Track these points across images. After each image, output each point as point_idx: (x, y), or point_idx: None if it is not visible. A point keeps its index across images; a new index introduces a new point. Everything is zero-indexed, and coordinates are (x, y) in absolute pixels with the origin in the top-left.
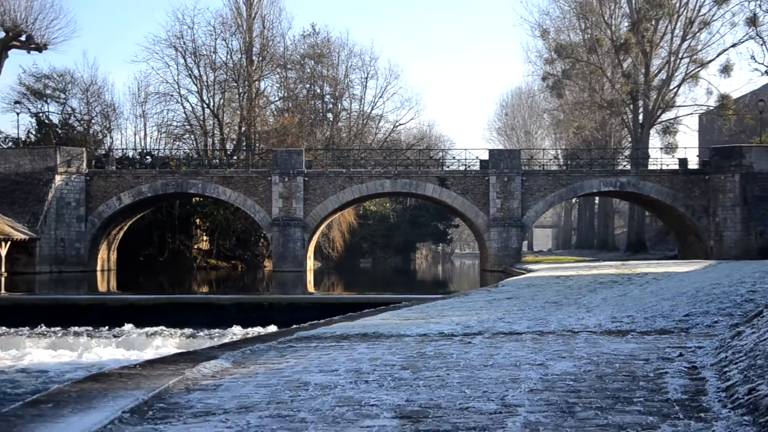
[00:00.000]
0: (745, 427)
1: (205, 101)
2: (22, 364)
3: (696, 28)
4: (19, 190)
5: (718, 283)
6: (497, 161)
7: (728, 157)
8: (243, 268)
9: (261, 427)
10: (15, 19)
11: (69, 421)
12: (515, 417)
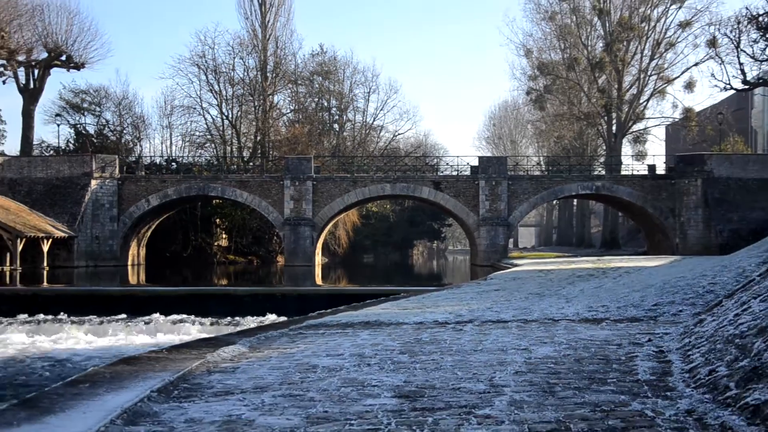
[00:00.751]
0: (705, 404)
1: (224, 113)
2: (62, 348)
3: (663, 48)
4: (59, 193)
5: (682, 276)
6: (486, 167)
7: (691, 163)
8: (258, 263)
9: (274, 405)
10: (57, 41)
11: (104, 399)
12: (502, 396)
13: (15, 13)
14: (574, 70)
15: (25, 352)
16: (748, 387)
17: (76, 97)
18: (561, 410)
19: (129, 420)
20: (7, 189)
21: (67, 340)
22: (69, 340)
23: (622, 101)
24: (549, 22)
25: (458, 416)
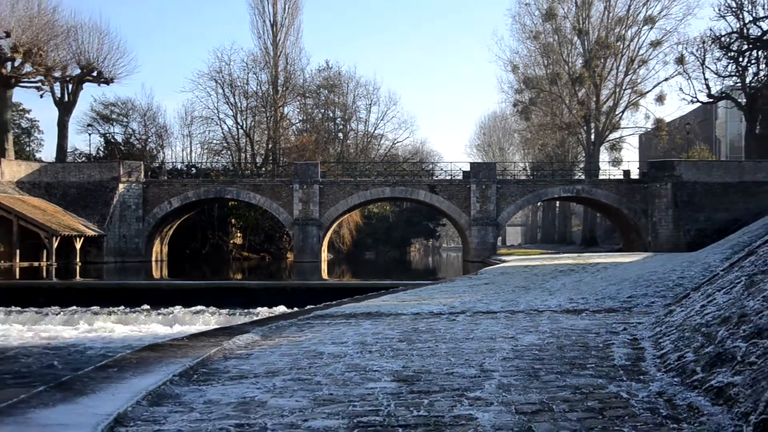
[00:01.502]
0: (675, 386)
1: (239, 123)
2: (93, 336)
3: (636, 65)
4: (90, 196)
5: (654, 271)
6: (477, 172)
7: (662, 169)
8: (270, 259)
9: (285, 388)
10: (89, 58)
11: (130, 382)
12: (491, 380)
13: (52, 34)
14: (557, 84)
15: (59, 340)
16: (712, 371)
17: (105, 109)
18: (545, 393)
19: (153, 401)
20: (44, 192)
21: (98, 329)
22: (99, 329)
23: (599, 112)
24: (533, 40)
25: (451, 398)
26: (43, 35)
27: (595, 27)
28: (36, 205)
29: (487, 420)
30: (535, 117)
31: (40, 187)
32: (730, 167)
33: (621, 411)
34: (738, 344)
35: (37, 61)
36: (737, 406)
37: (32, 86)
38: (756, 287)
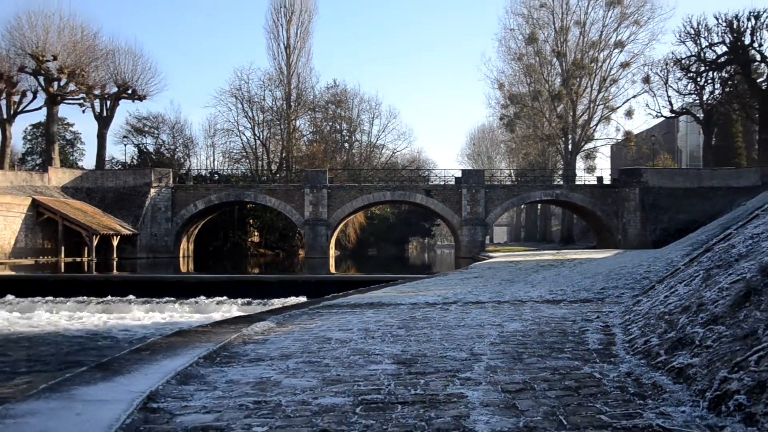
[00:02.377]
0: (641, 367)
1: (256, 135)
2: (128, 323)
3: (608, 84)
4: (125, 199)
5: (624, 266)
6: (467, 178)
7: (631, 176)
8: (283, 255)
9: (297, 369)
10: (124, 78)
11: (161, 363)
12: (480, 362)
13: (93, 57)
14: (538, 101)
15: (99, 326)
16: (674, 354)
17: (139, 123)
18: (527, 373)
19: (181, 380)
20: (85, 196)
21: (132, 317)
22: (133, 317)
23: (576, 125)
24: (517, 62)
25: (445, 378)
26: (85, 58)
27: (571, 50)
28: (78, 208)
29: (476, 398)
30: (519, 129)
31: (82, 191)
32: (690, 174)
33: (594, 389)
34: (696, 330)
35: (79, 80)
36: (695, 384)
37: (75, 103)
38: (712, 280)
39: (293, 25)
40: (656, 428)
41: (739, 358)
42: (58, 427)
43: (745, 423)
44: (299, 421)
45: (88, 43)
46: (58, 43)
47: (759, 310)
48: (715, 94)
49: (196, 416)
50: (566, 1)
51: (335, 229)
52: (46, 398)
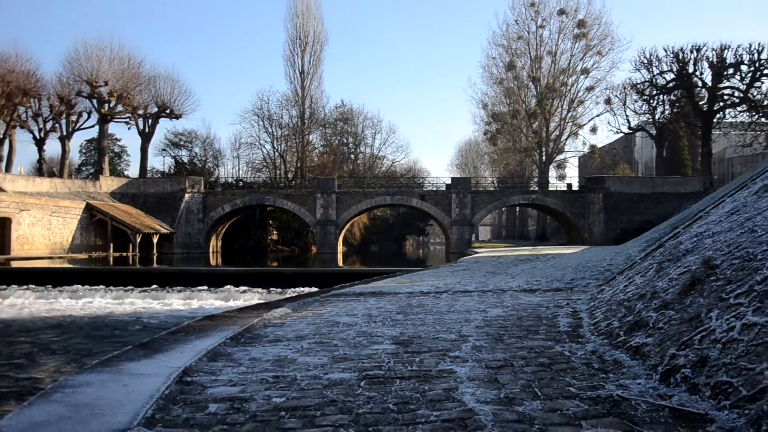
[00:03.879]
0: (604, 346)
1: (275, 148)
2: (165, 309)
3: (575, 104)
4: (164, 202)
5: (590, 260)
6: (456, 184)
7: (596, 183)
8: (298, 251)
9: (310, 349)
10: (164, 99)
11: (194, 343)
12: (467, 343)
13: (137, 82)
14: (516, 118)
15: (141, 312)
16: (631, 334)
17: (175, 138)
18: (507, 352)
19: (211, 358)
20: (130, 200)
21: (169, 304)
22: (170, 304)
23: (548, 140)
24: (499, 85)
25: (437, 357)
26: (131, 84)
27: (544, 75)
28: (124, 210)
29: (464, 373)
30: (500, 143)
31: (128, 196)
32: (645, 182)
33: (564, 365)
34: (650, 314)
35: (126, 102)
36: (649, 360)
37: (122, 121)
38: (664, 272)
39: (307, 54)
40: (616, 398)
41: (686, 338)
42: (108, 396)
43: (690, 392)
44: (312, 393)
45: (134, 70)
46: (109, 71)
47: (702, 297)
48: (665, 114)
49: (224, 388)
50: (540, 34)
51: (343, 229)
52: (98, 372)
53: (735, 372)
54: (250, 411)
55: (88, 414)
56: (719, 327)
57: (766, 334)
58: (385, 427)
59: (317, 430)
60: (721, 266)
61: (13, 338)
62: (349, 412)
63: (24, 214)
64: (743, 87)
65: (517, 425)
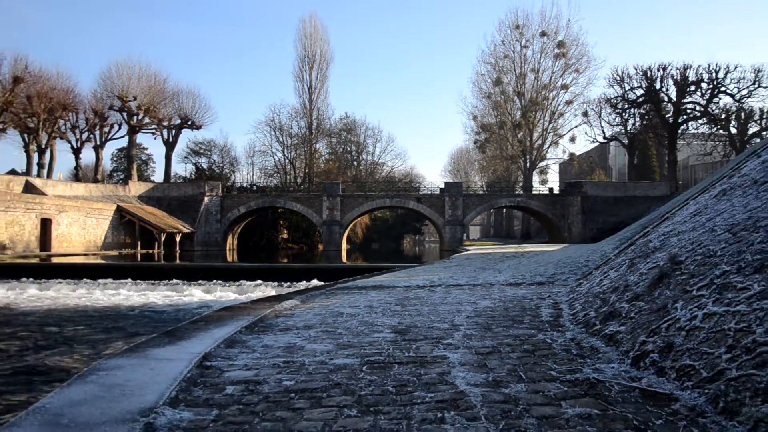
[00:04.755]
0: (582, 334)
1: (285, 155)
2: (187, 300)
3: (556, 116)
4: (186, 205)
5: (569, 256)
6: (449, 188)
7: (575, 187)
8: (306, 249)
9: (317, 337)
10: (186, 112)
11: (212, 332)
12: (459, 331)
13: (162, 97)
14: (503, 129)
15: (165, 302)
16: (606, 323)
17: (196, 146)
18: (495, 340)
19: (227, 345)
20: (156, 203)
21: (190, 296)
22: (191, 296)
23: (532, 148)
24: (487, 99)
25: (432, 344)
26: (157, 98)
27: (528, 90)
28: (150, 212)
29: (456, 358)
30: (488, 151)
31: (153, 199)
32: (618, 186)
33: (546, 351)
34: (623, 305)
35: (152, 115)
36: (622, 346)
37: (149, 132)
38: (635, 267)
39: (314, 71)
40: (592, 380)
41: (654, 326)
42: (137, 378)
43: (658, 374)
44: (319, 376)
45: (160, 86)
46: (137, 88)
47: (669, 289)
48: (635, 125)
49: (240, 372)
50: (524, 54)
51: (346, 228)
52: (127, 356)
53: (697, 356)
54: (263, 392)
55: (119, 394)
56: (683, 316)
57: (724, 323)
58: (385, 408)
59: (324, 410)
60: (685, 262)
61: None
62: (352, 393)
63: (63, 215)
64: (704, 102)
65: (503, 405)
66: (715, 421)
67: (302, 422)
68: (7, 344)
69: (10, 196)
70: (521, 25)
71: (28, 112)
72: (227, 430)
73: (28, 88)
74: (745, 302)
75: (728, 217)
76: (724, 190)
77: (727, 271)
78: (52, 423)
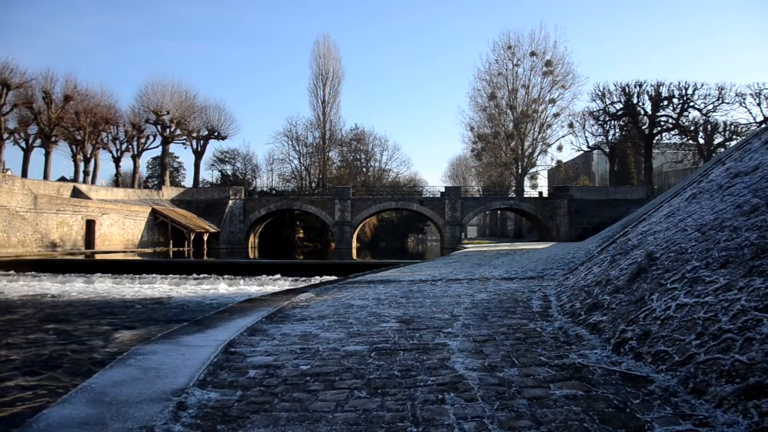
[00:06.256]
0: (569, 324)
1: (301, 163)
2: (214, 293)
3: (545, 128)
4: (212, 207)
5: (557, 253)
6: (449, 192)
7: (562, 191)
8: (320, 247)
9: (330, 326)
10: (213, 125)
11: (236, 321)
12: (458, 321)
13: (192, 111)
14: (497, 138)
15: (194, 295)
16: (590, 314)
17: (221, 155)
18: (491, 329)
19: (250, 333)
20: (186, 205)
21: (216, 289)
22: (218, 289)
23: (523, 156)
24: (483, 112)
25: (434, 333)
26: (187, 112)
27: (520, 104)
28: (181, 214)
29: (455, 346)
30: (484, 158)
31: (184, 202)
32: (601, 190)
33: (536, 339)
34: (605, 297)
35: (183, 127)
36: (604, 334)
37: (180, 142)
38: (616, 263)
39: (327, 87)
40: (578, 365)
41: (633, 316)
42: (169, 362)
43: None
44: (331, 362)
45: (190, 102)
46: (170, 103)
47: (646, 283)
48: (615, 135)
49: (261, 357)
50: (515, 71)
51: (356, 228)
52: (161, 343)
53: (670, 342)
54: (281, 376)
55: (155, 376)
56: (659, 307)
57: (694, 312)
58: (391, 389)
59: (336, 392)
60: (660, 258)
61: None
62: (361, 377)
63: (104, 217)
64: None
65: (498, 387)
66: (686, 399)
67: (317, 402)
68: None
69: (60, 200)
70: (513, 46)
71: (75, 126)
72: (250, 409)
73: (77, 105)
74: (713, 294)
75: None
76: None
77: (696, 266)
78: (96, 400)
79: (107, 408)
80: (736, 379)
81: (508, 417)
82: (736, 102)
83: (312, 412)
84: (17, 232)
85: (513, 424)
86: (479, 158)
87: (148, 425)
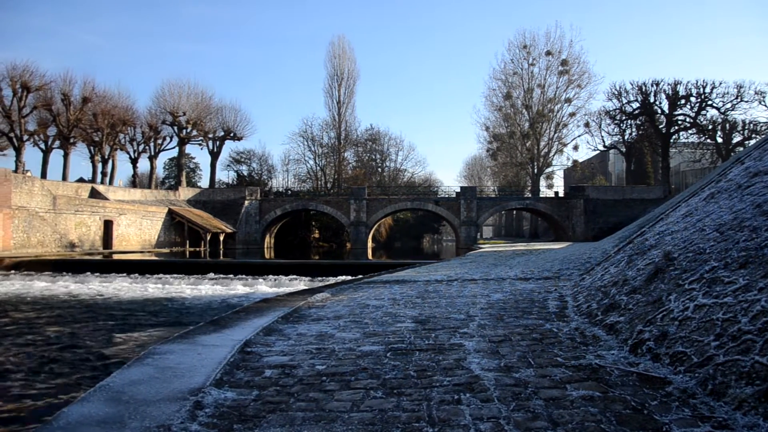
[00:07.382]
0: (585, 324)
1: (317, 163)
2: (231, 293)
3: (561, 127)
4: (228, 208)
5: (573, 253)
6: (464, 192)
7: (578, 191)
8: (335, 247)
9: (346, 326)
10: (228, 125)
11: (252, 321)
12: (474, 322)
13: (208, 112)
14: (513, 138)
15: (211, 294)
16: (607, 314)
17: (237, 155)
18: (507, 329)
19: (266, 333)
20: (202, 206)
21: (233, 288)
22: (234, 289)
23: (539, 156)
24: (498, 111)
25: (449, 333)
26: (203, 113)
27: (535, 104)
28: (197, 214)
29: (471, 346)
30: (500, 158)
31: (200, 203)
32: (617, 190)
33: (553, 339)
34: (622, 298)
35: (199, 128)
36: (621, 335)
37: (196, 143)
38: (633, 263)
39: (343, 87)
40: (594, 366)
41: (650, 317)
42: (186, 362)
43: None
44: (347, 362)
45: (206, 103)
46: (186, 104)
47: (663, 283)
48: (632, 135)
49: (277, 357)
50: (531, 71)
51: (372, 228)
52: (178, 342)
53: (688, 343)
54: (297, 375)
55: (172, 375)
56: (676, 308)
57: (712, 313)
58: (407, 390)
59: (352, 392)
60: (678, 258)
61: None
62: (377, 377)
63: (122, 217)
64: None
65: (514, 388)
66: (704, 401)
67: (333, 402)
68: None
69: (78, 201)
70: (528, 46)
71: (93, 128)
72: (266, 409)
73: (95, 107)
74: (732, 295)
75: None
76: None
77: (715, 266)
78: (115, 399)
79: (125, 407)
80: (756, 381)
81: (524, 417)
82: (755, 100)
83: (328, 412)
84: (37, 233)
85: (529, 424)
86: (495, 158)
87: (165, 424)
